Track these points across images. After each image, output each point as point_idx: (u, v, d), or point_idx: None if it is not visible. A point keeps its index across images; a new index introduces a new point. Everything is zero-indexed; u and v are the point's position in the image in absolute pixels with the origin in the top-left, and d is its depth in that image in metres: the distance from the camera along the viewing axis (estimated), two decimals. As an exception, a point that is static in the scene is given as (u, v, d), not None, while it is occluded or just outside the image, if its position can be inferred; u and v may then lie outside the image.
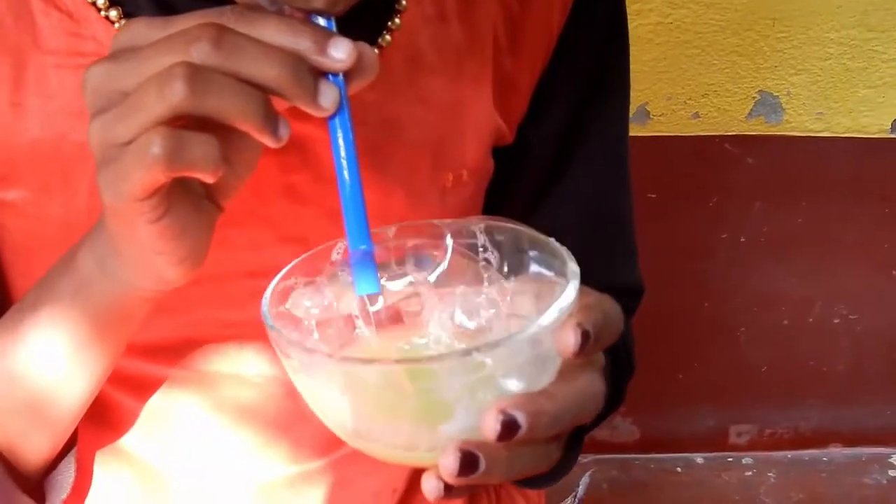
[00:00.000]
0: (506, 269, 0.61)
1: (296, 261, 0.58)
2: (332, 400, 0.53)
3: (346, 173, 0.57)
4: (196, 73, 0.51)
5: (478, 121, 0.76)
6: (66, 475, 0.73)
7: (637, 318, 0.88)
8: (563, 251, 0.56)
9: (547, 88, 0.80)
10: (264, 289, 0.72)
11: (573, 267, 0.54)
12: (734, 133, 1.69)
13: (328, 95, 0.55)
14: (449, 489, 0.52)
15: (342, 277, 0.59)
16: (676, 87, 1.65)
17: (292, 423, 0.78)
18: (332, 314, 0.59)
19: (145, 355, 0.74)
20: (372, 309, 0.60)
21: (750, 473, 1.99)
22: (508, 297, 0.60)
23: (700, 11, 1.60)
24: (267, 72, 0.52)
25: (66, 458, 0.73)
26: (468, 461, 0.50)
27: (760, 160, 1.72)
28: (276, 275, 0.72)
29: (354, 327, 0.59)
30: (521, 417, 0.50)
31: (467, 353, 0.49)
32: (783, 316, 1.88)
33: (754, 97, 1.67)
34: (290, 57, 0.53)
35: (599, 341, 0.52)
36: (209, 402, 0.77)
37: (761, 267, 1.82)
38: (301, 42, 0.53)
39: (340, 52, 0.54)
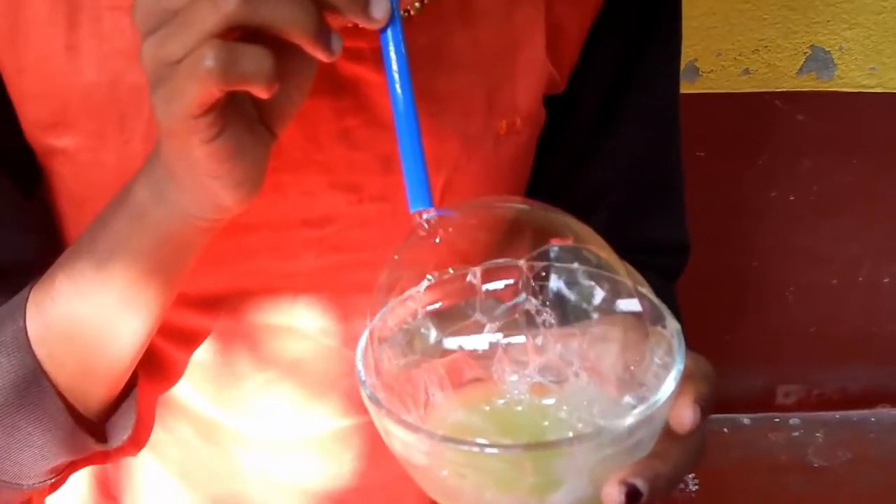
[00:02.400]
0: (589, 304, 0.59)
1: (378, 316, 0.56)
2: (442, 480, 0.52)
3: (398, 87, 0.57)
4: None
5: (530, 67, 0.76)
6: (127, 418, 0.73)
7: (683, 278, 0.87)
8: (658, 302, 0.55)
9: (598, 38, 0.79)
10: (318, 239, 0.73)
11: (674, 325, 0.54)
12: (785, 90, 1.68)
13: (379, 6, 0.55)
14: None
15: (416, 333, 0.58)
16: (726, 42, 1.63)
17: (343, 375, 0.78)
18: (404, 369, 0.57)
19: (196, 307, 0.75)
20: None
21: (797, 434, 1.98)
22: (586, 345, 0.58)
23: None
24: None
25: (127, 402, 0.73)
26: None
27: (811, 117, 1.70)
28: (330, 225, 0.72)
29: (427, 390, 0.57)
30: (641, 485, 0.50)
31: (596, 436, 0.49)
32: (832, 275, 1.87)
33: (806, 52, 1.65)
34: None
35: (708, 412, 0.53)
36: (260, 355, 0.77)
37: (810, 225, 1.80)
38: None
39: None
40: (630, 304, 0.57)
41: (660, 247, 0.86)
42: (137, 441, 0.78)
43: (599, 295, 0.58)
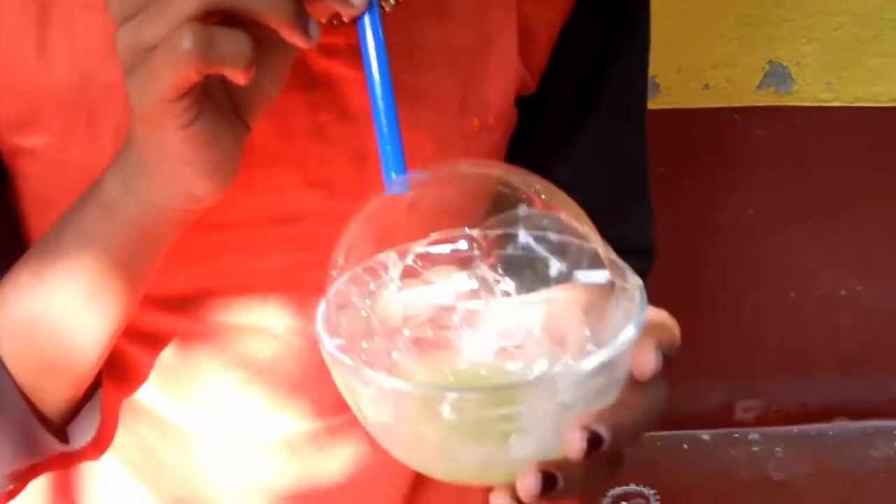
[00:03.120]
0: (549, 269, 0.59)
1: (341, 279, 0.56)
2: (404, 430, 0.52)
3: (375, 72, 0.56)
4: None
5: (502, 66, 0.76)
6: (91, 419, 0.72)
7: (645, 291, 0.87)
8: (620, 261, 0.55)
9: (567, 40, 0.80)
10: (288, 237, 0.72)
11: (635, 279, 0.54)
12: (745, 104, 1.69)
13: None
14: None
15: (377, 295, 0.58)
16: (686, 59, 1.65)
17: (315, 376, 0.76)
18: (364, 335, 0.57)
19: (163, 307, 0.73)
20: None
21: (757, 449, 1.98)
22: (548, 309, 0.58)
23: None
24: None
25: (91, 403, 0.72)
26: (548, 481, 0.50)
27: (770, 131, 1.72)
28: (301, 222, 0.71)
29: (390, 352, 0.57)
30: (603, 432, 0.50)
31: (556, 378, 0.49)
32: (790, 288, 1.88)
33: (764, 67, 1.66)
34: None
35: (670, 360, 0.52)
36: (229, 357, 0.76)
37: (768, 239, 1.81)
38: None
39: None
40: (594, 273, 0.57)
41: (628, 247, 0.86)
42: (100, 444, 0.77)
43: (559, 263, 0.58)
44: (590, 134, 0.82)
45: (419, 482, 0.83)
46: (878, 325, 1.93)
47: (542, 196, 0.57)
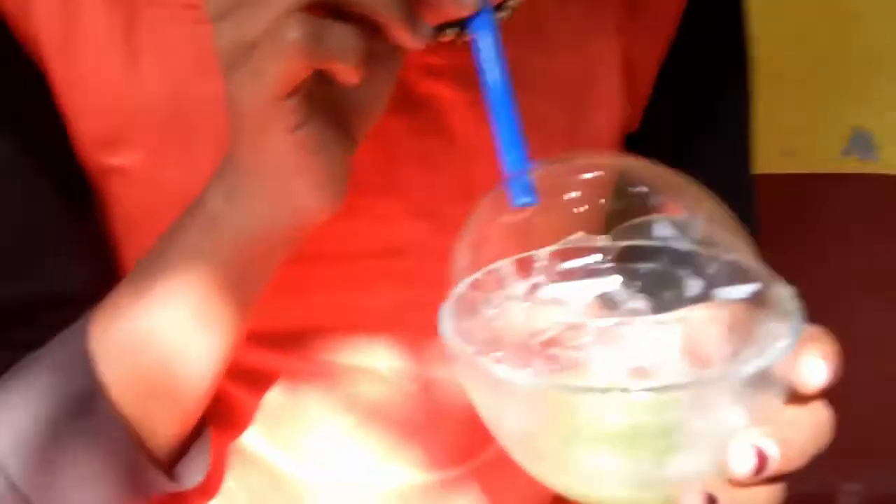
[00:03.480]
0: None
1: (467, 281, 0.55)
2: (549, 440, 0.49)
3: (490, 75, 0.54)
4: None
5: (608, 98, 0.76)
6: (201, 458, 0.70)
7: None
8: (767, 271, 0.53)
9: (669, 72, 0.80)
10: (393, 271, 0.71)
11: (787, 289, 0.51)
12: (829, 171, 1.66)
13: None
14: None
15: (502, 306, 0.56)
16: (769, 124, 1.62)
17: (427, 424, 0.75)
18: (493, 346, 0.54)
19: (267, 344, 0.72)
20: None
21: (865, 536, 1.88)
22: (685, 329, 0.55)
23: (790, 47, 1.58)
24: None
25: (201, 440, 0.70)
26: None
27: (855, 199, 1.68)
28: (406, 256, 0.70)
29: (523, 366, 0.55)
30: (772, 449, 0.47)
31: (707, 383, 0.46)
32: (876, 366, 1.82)
33: (848, 134, 1.64)
34: None
35: (837, 375, 0.50)
36: (334, 398, 0.74)
37: (863, 311, 1.76)
38: None
39: None
40: (737, 289, 0.54)
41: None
42: (207, 490, 0.74)
43: (698, 279, 0.55)
44: (698, 166, 0.81)
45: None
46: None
47: (675, 194, 0.56)
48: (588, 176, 0.56)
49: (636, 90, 0.78)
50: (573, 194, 0.56)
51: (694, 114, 0.82)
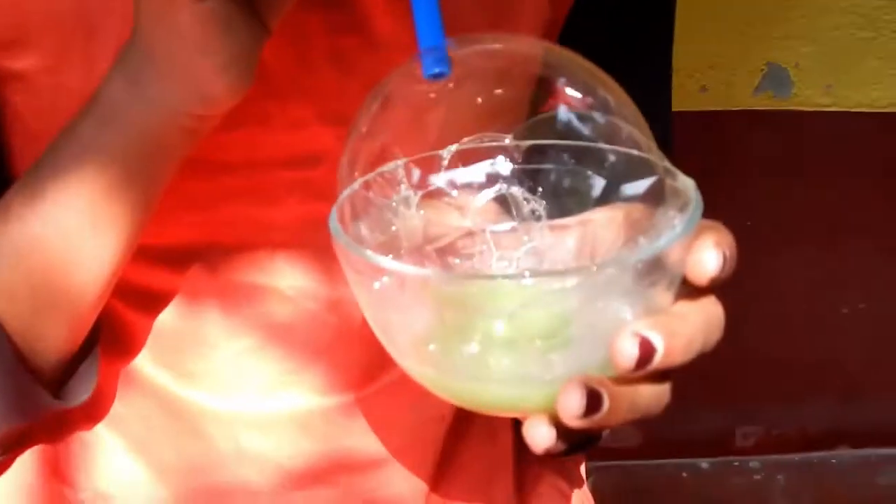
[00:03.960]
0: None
1: (357, 182, 0.53)
2: (436, 341, 0.48)
3: None
4: None
5: (532, 7, 0.73)
6: (88, 376, 0.67)
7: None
8: (669, 164, 0.51)
9: None
10: (302, 182, 0.67)
11: (687, 180, 0.50)
12: (741, 108, 1.68)
13: None
14: (560, 436, 0.47)
15: (396, 209, 0.55)
16: (683, 59, 1.61)
17: (328, 345, 0.72)
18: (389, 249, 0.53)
19: (162, 261, 0.69)
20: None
21: (758, 477, 1.94)
22: (585, 230, 0.54)
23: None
24: None
25: (89, 359, 0.67)
26: (592, 399, 0.45)
27: (768, 137, 1.70)
28: (317, 166, 0.66)
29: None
30: (657, 340, 0.45)
31: (601, 269, 0.44)
32: (789, 306, 1.85)
33: (762, 69, 1.66)
34: None
35: (731, 268, 0.48)
36: (233, 320, 0.71)
37: (767, 254, 1.79)
38: None
39: None
40: (637, 184, 0.53)
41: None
42: (94, 414, 0.72)
43: (600, 179, 0.55)
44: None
45: (445, 458, 0.77)
46: (884, 344, 1.89)
47: (582, 81, 0.54)
48: (499, 63, 0.55)
49: None
50: (481, 85, 0.54)
51: (615, 30, 0.79)
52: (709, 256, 0.47)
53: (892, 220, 1.80)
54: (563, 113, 0.54)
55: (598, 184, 0.54)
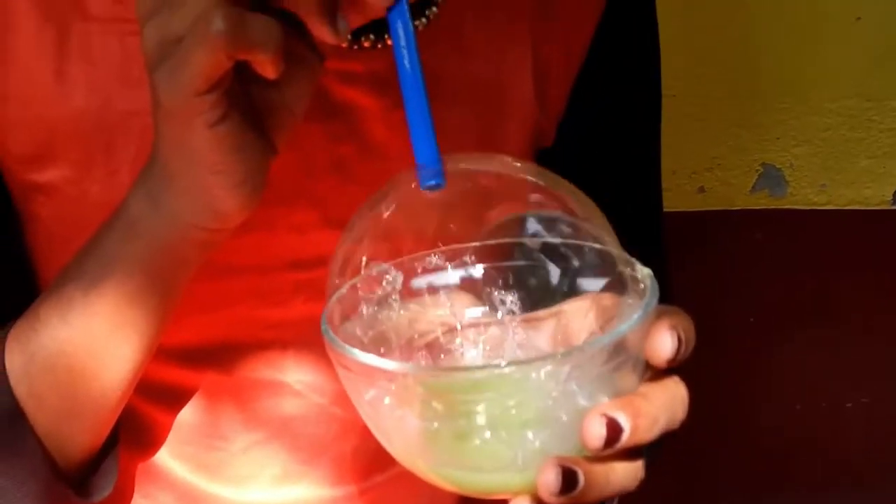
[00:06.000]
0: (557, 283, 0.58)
1: (348, 284, 0.56)
2: (405, 421, 0.50)
3: (406, 63, 0.55)
4: None
5: (521, 108, 0.76)
6: (110, 473, 0.69)
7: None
8: (628, 256, 0.54)
9: (584, 88, 0.80)
10: (308, 283, 0.71)
11: (644, 270, 0.53)
12: (739, 208, 1.71)
13: None
14: None
15: (382, 310, 0.57)
16: (681, 160, 1.66)
17: (335, 437, 0.74)
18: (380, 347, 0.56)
19: (179, 361, 0.71)
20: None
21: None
22: (556, 321, 0.57)
23: (704, 84, 1.63)
24: None
25: (110, 457, 0.69)
26: (568, 478, 0.48)
27: (766, 235, 1.72)
28: (321, 267, 0.70)
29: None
30: (623, 420, 0.48)
31: (566, 356, 0.47)
32: (794, 400, 1.85)
33: (758, 170, 1.68)
34: None
35: (688, 348, 0.50)
36: (247, 414, 0.73)
37: (770, 347, 1.79)
38: None
39: None
40: (601, 280, 0.56)
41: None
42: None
43: (563, 272, 0.58)
44: (606, 185, 0.82)
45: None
46: (885, 437, 1.88)
47: (547, 192, 0.57)
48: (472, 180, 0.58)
49: (549, 102, 0.79)
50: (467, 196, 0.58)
51: (605, 138, 0.83)
52: (664, 339, 0.49)
53: (886, 312, 1.80)
54: (535, 217, 0.57)
55: (566, 278, 0.57)
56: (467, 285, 0.59)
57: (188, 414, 0.73)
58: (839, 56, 1.61)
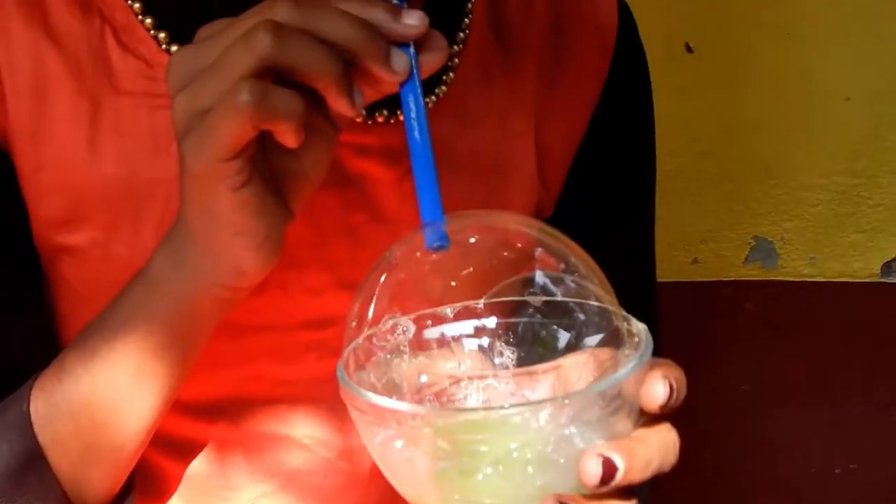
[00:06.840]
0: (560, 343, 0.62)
1: (364, 335, 0.59)
2: (414, 460, 0.53)
3: (417, 134, 0.58)
4: (280, 27, 0.54)
5: (523, 181, 0.79)
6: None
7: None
8: (624, 313, 0.58)
9: (582, 164, 0.83)
10: (320, 343, 0.73)
11: (640, 324, 0.57)
12: (731, 279, 1.72)
13: (400, 60, 0.58)
14: None
15: (403, 356, 0.61)
16: (676, 233, 1.69)
17: (341, 490, 0.77)
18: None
19: (192, 412, 0.73)
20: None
21: None
22: (556, 375, 0.60)
23: (698, 160, 1.66)
24: (345, 31, 0.55)
25: (127, 501, 0.71)
26: None
27: (757, 305, 1.74)
28: (332, 327, 0.73)
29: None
30: (618, 459, 0.51)
31: (560, 403, 0.50)
32: (783, 466, 1.86)
33: (750, 243, 1.70)
34: (365, 21, 0.56)
35: (679, 397, 0.54)
36: (256, 466, 0.76)
37: (763, 415, 1.81)
38: (374, 12, 0.57)
39: (413, 19, 0.57)
40: (599, 336, 0.59)
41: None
42: None
43: (568, 331, 0.61)
44: (602, 256, 0.85)
45: None
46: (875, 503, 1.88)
47: (552, 251, 0.60)
48: (477, 237, 0.61)
49: (550, 176, 0.82)
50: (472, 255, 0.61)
51: (602, 212, 0.86)
52: (657, 386, 0.53)
53: (875, 381, 1.81)
54: (539, 275, 0.60)
55: (567, 334, 0.61)
56: (474, 339, 0.62)
57: (199, 465, 0.75)
58: (829, 134, 1.64)
